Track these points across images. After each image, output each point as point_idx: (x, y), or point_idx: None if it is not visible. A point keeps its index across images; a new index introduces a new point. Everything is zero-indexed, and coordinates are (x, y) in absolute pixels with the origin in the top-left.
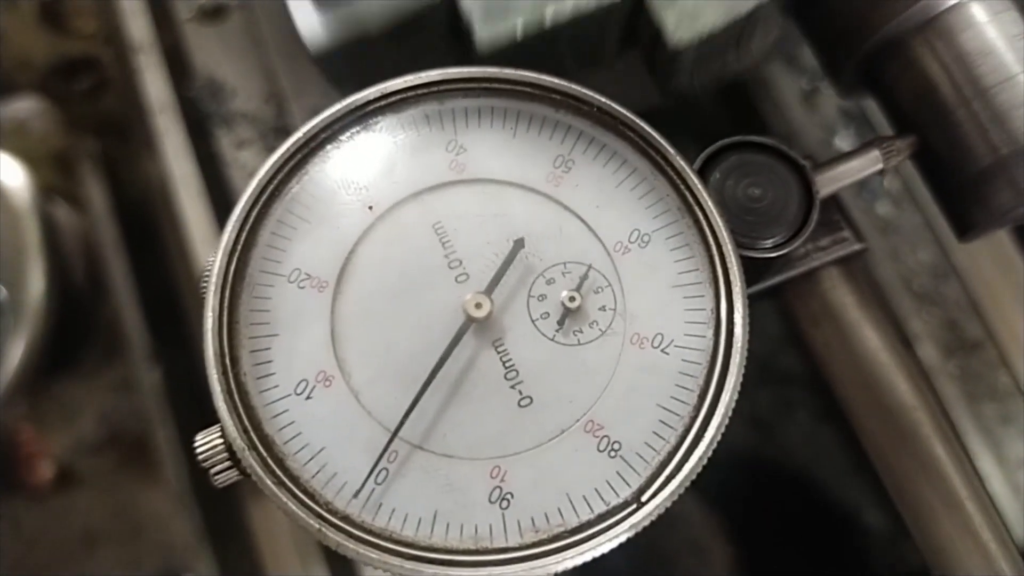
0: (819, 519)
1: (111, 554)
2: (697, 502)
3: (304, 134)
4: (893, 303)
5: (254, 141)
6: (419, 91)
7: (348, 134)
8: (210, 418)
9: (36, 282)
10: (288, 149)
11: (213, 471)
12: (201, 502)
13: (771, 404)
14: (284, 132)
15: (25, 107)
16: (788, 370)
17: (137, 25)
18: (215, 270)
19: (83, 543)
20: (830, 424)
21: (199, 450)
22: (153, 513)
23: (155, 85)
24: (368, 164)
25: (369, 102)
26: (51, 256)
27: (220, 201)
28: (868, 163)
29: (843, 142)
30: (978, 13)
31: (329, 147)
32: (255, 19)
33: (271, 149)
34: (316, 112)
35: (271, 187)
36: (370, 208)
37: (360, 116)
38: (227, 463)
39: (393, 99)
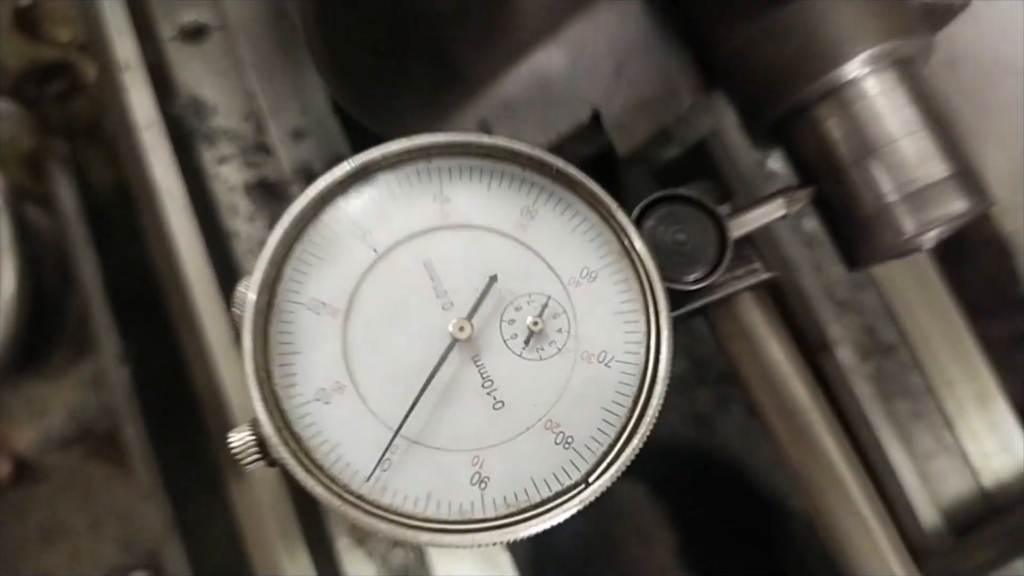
0: (751, 504)
1: (69, 548)
2: (642, 491)
3: (319, 189)
4: (816, 310)
5: (235, 156)
6: (412, 153)
7: (354, 187)
8: (181, 412)
9: (8, 280)
10: (307, 200)
11: (244, 461)
12: (172, 496)
13: (709, 401)
14: (263, 148)
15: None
16: (724, 370)
17: (123, 44)
18: (250, 303)
19: (41, 537)
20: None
21: (233, 445)
22: (119, 508)
23: (141, 102)
24: (370, 212)
25: (372, 161)
26: (23, 254)
27: (203, 212)
28: (773, 210)
29: (775, 163)
30: (870, 87)
31: (339, 198)
32: (234, 40)
33: (250, 164)
34: (297, 136)
35: (293, 232)
36: (374, 250)
37: (364, 174)
38: (257, 455)
39: (391, 159)
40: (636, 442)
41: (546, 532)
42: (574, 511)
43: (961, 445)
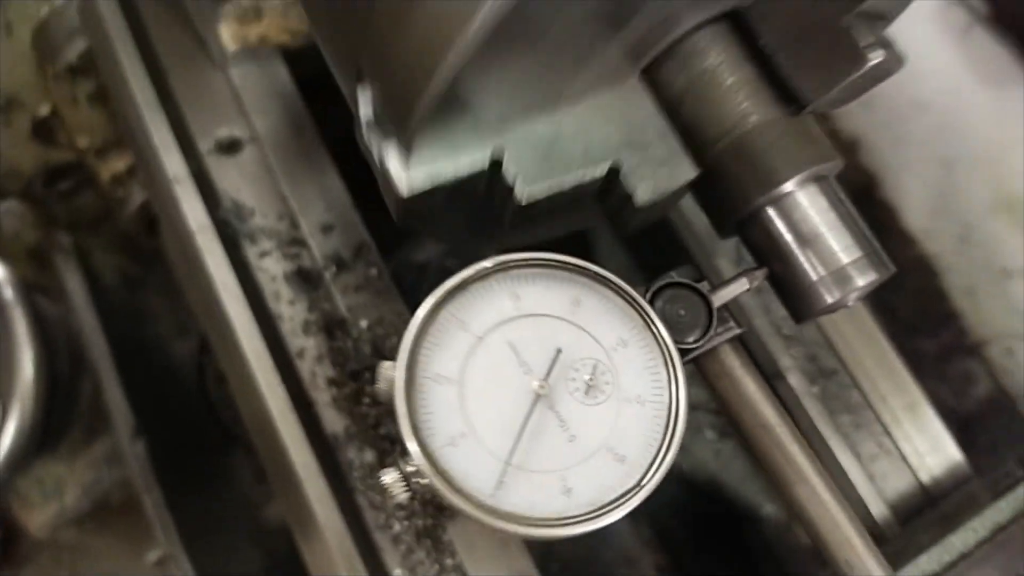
0: (727, 516)
1: None
2: (626, 518)
3: (434, 299)
4: (767, 344)
5: (274, 250)
6: (496, 268)
7: (457, 294)
8: (197, 479)
9: (27, 370)
10: (426, 309)
11: (397, 495)
12: (193, 558)
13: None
14: (297, 242)
15: (2, 208)
16: (696, 399)
17: (171, 160)
18: (398, 380)
19: None
20: (730, 439)
21: (386, 481)
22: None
23: (192, 210)
24: (468, 310)
25: (467, 278)
26: (38, 344)
27: (253, 299)
28: (740, 286)
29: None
30: (802, 198)
31: (446, 302)
32: (264, 150)
33: (288, 256)
34: (326, 230)
35: (419, 329)
36: (478, 337)
37: (462, 286)
38: (406, 489)
39: (482, 273)
40: (670, 456)
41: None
42: (633, 507)
43: (899, 448)
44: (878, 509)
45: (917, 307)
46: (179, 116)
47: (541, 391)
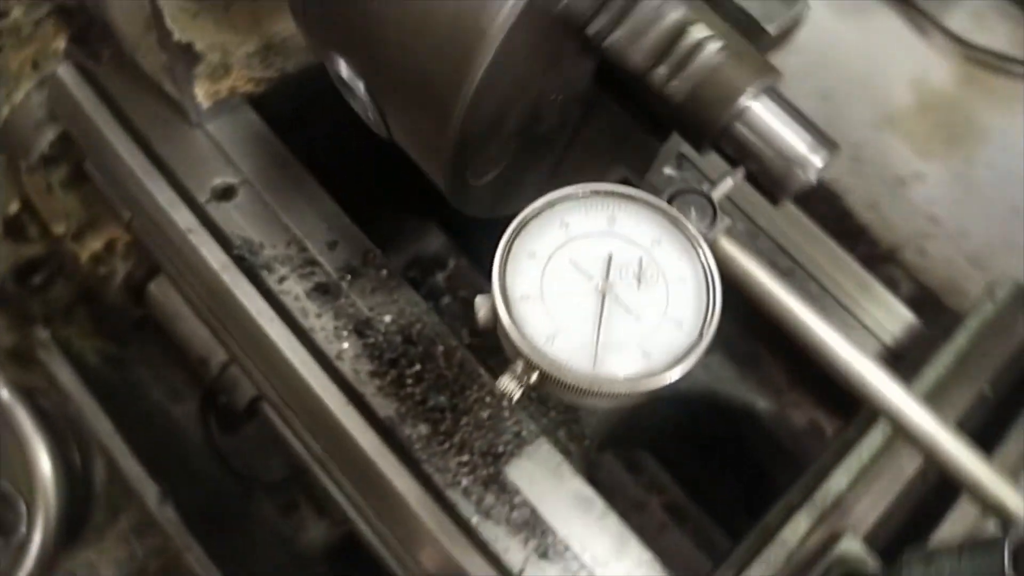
0: (726, 425)
1: None
2: (626, 471)
3: (506, 239)
4: None
5: (291, 274)
6: (543, 206)
7: (520, 232)
8: (228, 527)
9: (44, 464)
10: (503, 246)
11: (514, 394)
12: None
13: None
14: (310, 262)
15: None
16: None
17: (180, 215)
18: (499, 304)
19: None
20: (715, 354)
21: (503, 384)
22: None
23: (211, 253)
24: (533, 241)
25: (525, 217)
26: (48, 437)
27: (286, 319)
28: (728, 184)
29: None
30: (758, 107)
31: (514, 240)
32: (257, 189)
33: (304, 276)
34: (331, 246)
35: (500, 264)
36: (544, 260)
37: (523, 223)
38: (519, 387)
39: (534, 212)
40: (716, 317)
41: None
42: (697, 358)
43: (861, 322)
44: None
45: (831, 230)
46: (173, 176)
47: (603, 290)
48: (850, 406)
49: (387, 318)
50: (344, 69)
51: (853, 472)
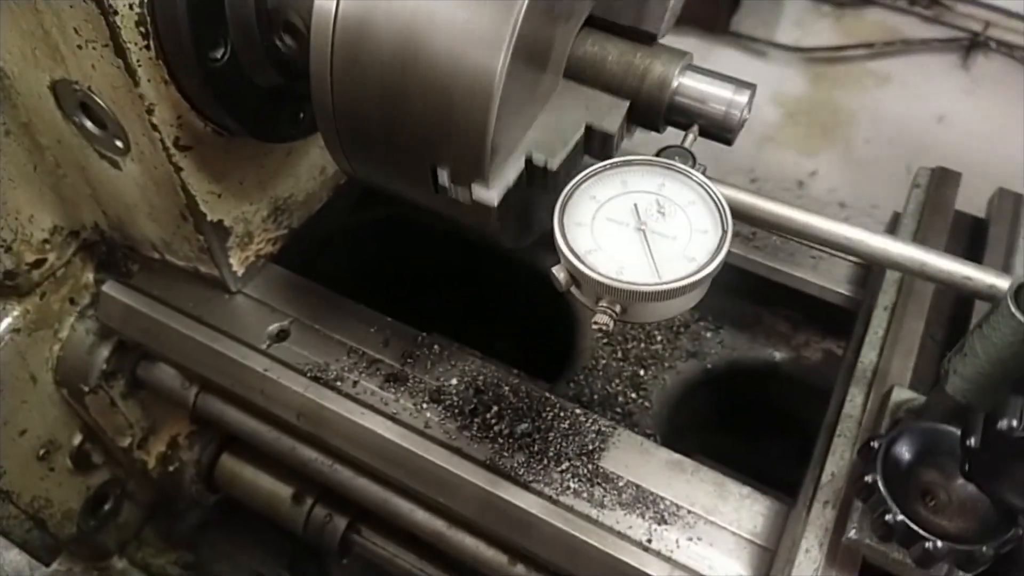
0: (748, 382)
1: None
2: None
3: (559, 204)
4: None
5: (360, 378)
6: (611, 166)
7: (589, 178)
8: None
9: None
10: (570, 185)
11: (604, 325)
12: None
13: (692, 338)
14: (372, 361)
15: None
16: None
17: (254, 360)
18: (557, 225)
19: None
20: (722, 331)
21: (599, 320)
22: None
23: (292, 382)
24: (593, 188)
25: (596, 168)
26: None
27: (373, 411)
28: (692, 138)
29: None
30: (688, 82)
31: (581, 184)
32: (305, 322)
33: (371, 374)
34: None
35: (564, 201)
36: (599, 201)
37: (581, 182)
38: (610, 317)
39: (604, 168)
40: (728, 212)
41: None
42: (726, 249)
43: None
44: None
45: None
46: (232, 335)
47: (642, 225)
48: (846, 316)
49: (453, 380)
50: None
51: (877, 343)
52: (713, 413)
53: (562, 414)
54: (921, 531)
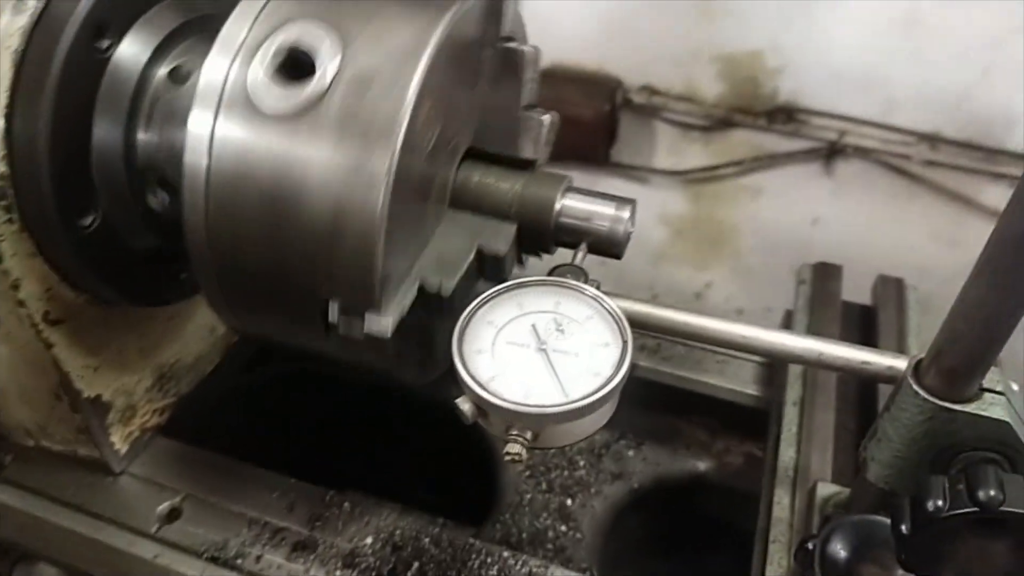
0: (680, 498)
1: None
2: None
3: (457, 333)
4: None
5: (264, 551)
6: (506, 288)
7: (485, 303)
8: None
9: None
10: (468, 310)
11: (519, 455)
12: None
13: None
14: (278, 531)
15: None
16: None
17: (142, 548)
18: (456, 351)
19: None
20: (642, 449)
21: (512, 451)
22: None
23: (185, 565)
24: (490, 314)
25: (494, 292)
26: None
27: None
28: (581, 256)
29: None
30: (571, 203)
31: (476, 310)
32: (199, 497)
33: (276, 545)
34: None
35: (460, 332)
36: (496, 327)
37: (479, 306)
38: (523, 446)
39: (498, 291)
40: (627, 324)
41: None
42: (631, 353)
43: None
44: None
45: None
46: (118, 522)
47: (543, 348)
48: (759, 417)
49: (368, 539)
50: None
51: (792, 440)
52: (646, 534)
53: (489, 560)
54: None
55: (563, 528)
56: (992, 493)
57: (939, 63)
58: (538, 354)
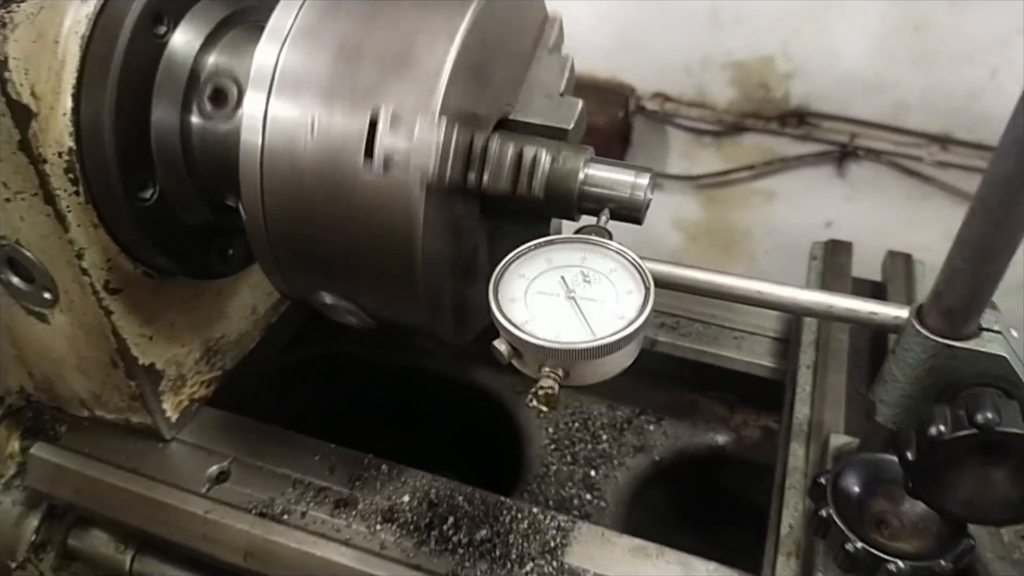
0: (700, 471)
1: None
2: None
3: (493, 286)
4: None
5: (308, 508)
6: (536, 246)
7: (518, 258)
8: None
9: None
10: (501, 265)
11: (554, 392)
12: None
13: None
14: (321, 490)
15: None
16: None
17: (195, 505)
18: (492, 302)
19: None
20: (663, 423)
21: (546, 386)
22: None
23: (236, 521)
24: (525, 267)
25: (526, 248)
26: None
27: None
28: (605, 221)
29: None
30: (594, 172)
31: (510, 264)
32: (245, 462)
33: (320, 503)
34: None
35: (496, 278)
36: (528, 279)
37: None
38: (557, 383)
39: (529, 248)
40: (648, 273)
41: None
42: (654, 298)
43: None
44: None
45: None
46: (170, 483)
47: (570, 296)
48: (775, 389)
49: (406, 497)
50: (328, 298)
51: (807, 399)
52: (668, 505)
53: (519, 515)
54: (882, 555)
55: (588, 497)
56: (990, 415)
57: (947, 65)
58: (567, 301)
